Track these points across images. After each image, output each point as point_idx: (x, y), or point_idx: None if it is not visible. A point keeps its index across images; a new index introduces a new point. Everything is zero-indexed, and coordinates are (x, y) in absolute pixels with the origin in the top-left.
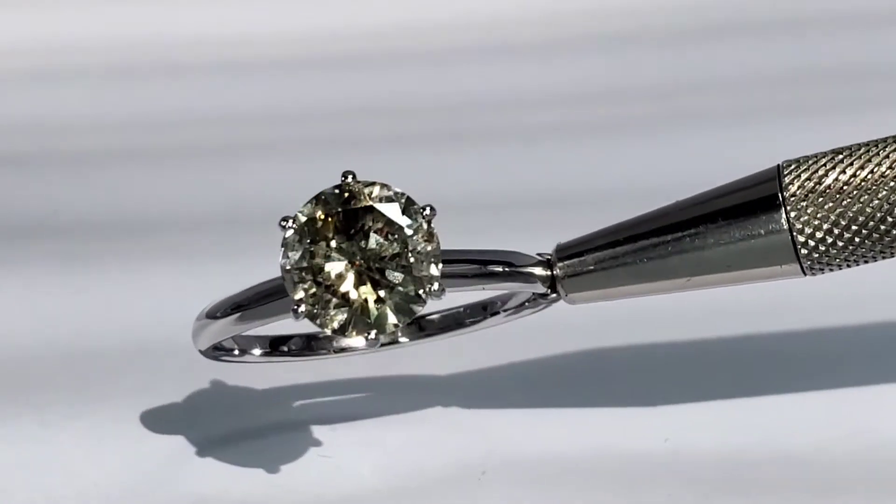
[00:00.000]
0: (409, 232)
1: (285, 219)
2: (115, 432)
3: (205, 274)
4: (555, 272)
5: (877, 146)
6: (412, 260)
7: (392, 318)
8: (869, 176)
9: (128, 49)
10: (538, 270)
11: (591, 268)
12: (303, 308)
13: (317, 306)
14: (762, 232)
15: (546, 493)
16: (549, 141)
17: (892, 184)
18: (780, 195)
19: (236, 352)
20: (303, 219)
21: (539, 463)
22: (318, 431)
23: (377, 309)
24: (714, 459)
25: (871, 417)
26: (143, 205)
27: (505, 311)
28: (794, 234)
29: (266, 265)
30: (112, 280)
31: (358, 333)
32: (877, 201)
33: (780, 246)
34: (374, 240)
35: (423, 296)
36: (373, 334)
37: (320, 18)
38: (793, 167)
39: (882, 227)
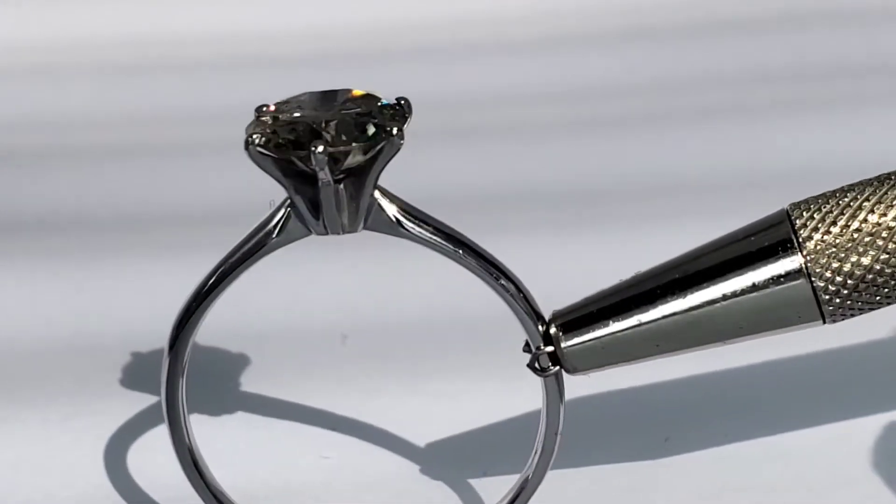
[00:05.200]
0: (383, 102)
1: (260, 106)
2: (115, 431)
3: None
4: (551, 331)
5: (889, 180)
6: (376, 120)
7: (343, 143)
8: (885, 215)
9: (125, 46)
10: (537, 320)
11: (598, 339)
12: (256, 137)
13: (270, 140)
14: (779, 281)
15: (544, 493)
16: (550, 138)
17: None
18: (794, 241)
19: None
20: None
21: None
22: (318, 432)
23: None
24: (714, 458)
25: (868, 415)
26: (144, 202)
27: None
28: (813, 279)
29: (268, 261)
30: (112, 278)
31: (305, 147)
32: (893, 243)
33: (800, 295)
34: (344, 105)
35: (382, 136)
36: (320, 148)
37: (320, 16)
38: (802, 210)
39: None
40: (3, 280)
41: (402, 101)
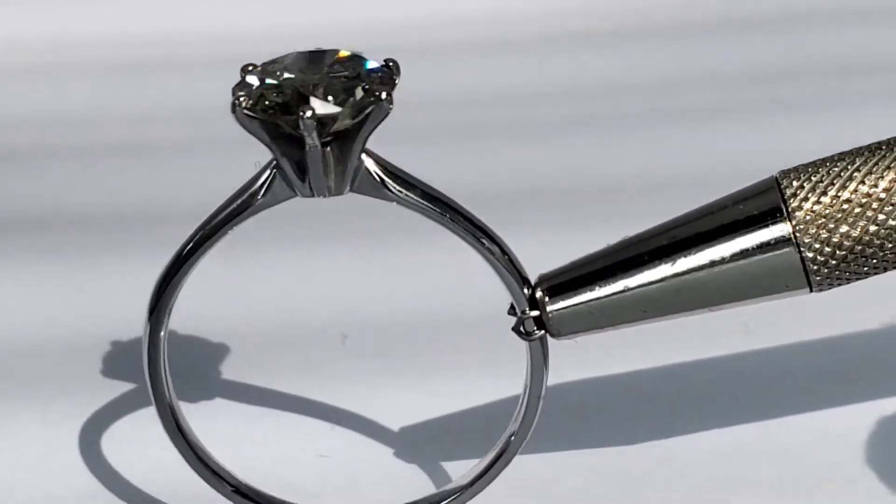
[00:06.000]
0: (369, 66)
1: (246, 65)
2: (115, 431)
3: (207, 268)
4: (537, 294)
5: (880, 149)
6: (365, 84)
7: (332, 108)
8: (876, 186)
9: (125, 46)
10: (523, 284)
11: (583, 304)
12: (243, 99)
13: (258, 103)
14: (767, 248)
15: (545, 492)
16: (549, 137)
17: None
18: (783, 209)
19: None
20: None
21: (539, 463)
22: (316, 429)
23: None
24: (714, 457)
25: (868, 412)
26: (144, 202)
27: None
28: (801, 249)
29: (269, 261)
30: (113, 278)
31: (291, 119)
32: (883, 214)
33: (787, 263)
34: (331, 67)
35: (371, 100)
36: (308, 113)
37: (320, 16)
38: (792, 178)
39: (894, 239)
40: (3, 280)
41: (391, 63)
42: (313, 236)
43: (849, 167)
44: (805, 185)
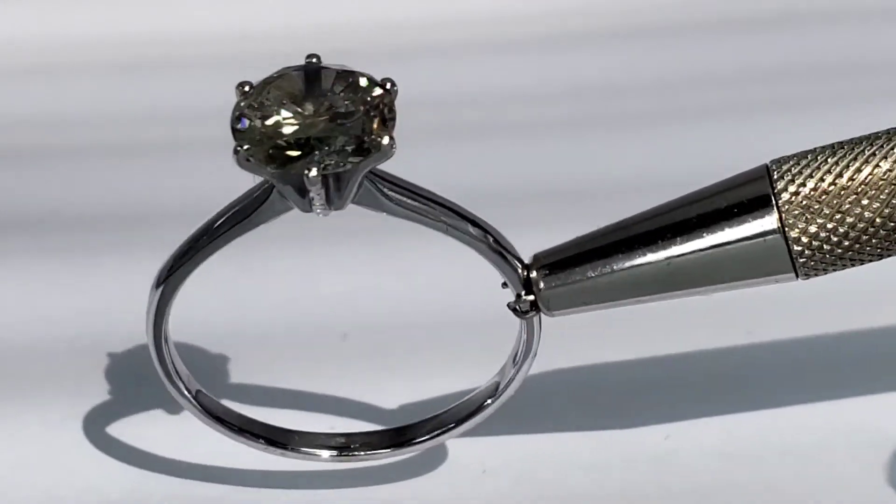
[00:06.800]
0: (364, 85)
1: (242, 84)
2: (115, 431)
3: (209, 268)
4: (532, 275)
5: (870, 143)
6: (364, 119)
7: (335, 166)
8: (868, 177)
9: (125, 46)
10: (518, 266)
11: (576, 282)
12: (244, 147)
13: (257, 152)
14: (754, 236)
15: (545, 493)
16: (546, 137)
17: (893, 186)
18: (772, 197)
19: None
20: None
21: (538, 461)
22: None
23: (320, 147)
24: (714, 457)
25: (873, 414)
26: (144, 202)
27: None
28: (788, 236)
29: (269, 260)
30: (113, 278)
31: (296, 171)
32: (877, 204)
33: (774, 250)
34: (329, 98)
35: (372, 146)
36: (314, 171)
37: (321, 16)
38: (783, 166)
39: (882, 232)
40: (3, 280)
41: (388, 86)
42: (313, 236)
43: (838, 156)
44: (794, 173)
